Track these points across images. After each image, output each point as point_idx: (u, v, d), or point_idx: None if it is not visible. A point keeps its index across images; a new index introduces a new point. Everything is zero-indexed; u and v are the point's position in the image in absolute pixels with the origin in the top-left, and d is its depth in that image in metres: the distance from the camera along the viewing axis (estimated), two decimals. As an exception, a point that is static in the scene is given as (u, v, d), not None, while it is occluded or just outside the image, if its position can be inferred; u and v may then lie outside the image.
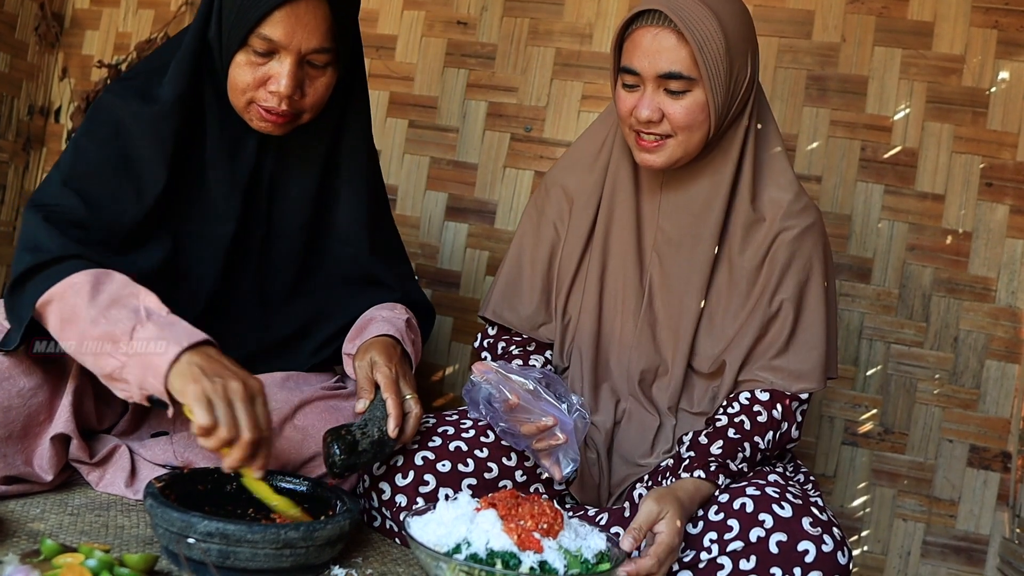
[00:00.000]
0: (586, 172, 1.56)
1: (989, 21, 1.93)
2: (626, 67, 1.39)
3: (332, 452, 1.24)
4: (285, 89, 1.32)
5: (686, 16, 1.33)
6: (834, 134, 2.00)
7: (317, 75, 1.37)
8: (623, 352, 1.51)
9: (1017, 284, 1.90)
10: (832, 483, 1.96)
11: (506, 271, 1.61)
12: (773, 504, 1.22)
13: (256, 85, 1.34)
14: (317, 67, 1.36)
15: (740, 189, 1.45)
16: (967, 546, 1.88)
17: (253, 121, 1.38)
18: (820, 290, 1.44)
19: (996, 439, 1.88)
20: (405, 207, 2.26)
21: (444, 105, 2.25)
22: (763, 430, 1.37)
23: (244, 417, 1.11)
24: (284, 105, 1.34)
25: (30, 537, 1.14)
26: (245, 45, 1.33)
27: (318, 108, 1.41)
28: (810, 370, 1.41)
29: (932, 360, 1.93)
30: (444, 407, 2.17)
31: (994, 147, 1.92)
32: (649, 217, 1.51)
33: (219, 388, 1.10)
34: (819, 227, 1.46)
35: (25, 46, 2.54)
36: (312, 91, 1.38)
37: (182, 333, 1.16)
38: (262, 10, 1.29)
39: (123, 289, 1.21)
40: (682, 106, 1.37)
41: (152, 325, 1.16)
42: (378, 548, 1.32)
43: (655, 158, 1.41)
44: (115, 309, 1.18)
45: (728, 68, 1.36)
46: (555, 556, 1.09)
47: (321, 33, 1.33)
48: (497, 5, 2.22)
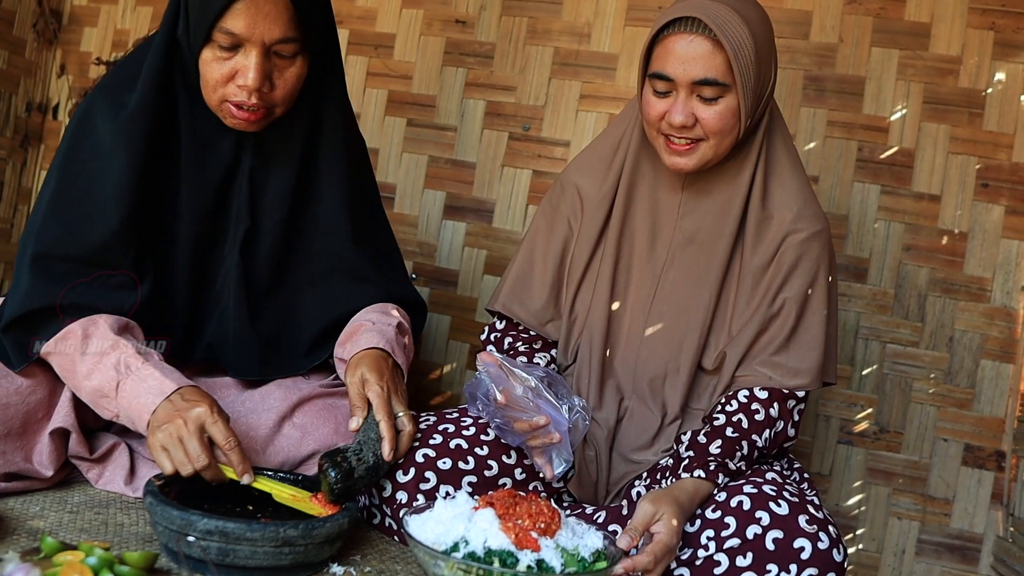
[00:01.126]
0: (600, 172, 1.56)
1: (986, 22, 1.94)
2: (658, 73, 1.38)
3: (329, 478, 1.23)
4: (252, 82, 1.31)
5: (722, 23, 1.34)
6: (831, 134, 2.01)
7: (285, 66, 1.36)
8: (631, 350, 1.51)
9: (1012, 284, 1.91)
10: (828, 481, 1.97)
11: (517, 266, 1.61)
12: (770, 502, 1.23)
13: (225, 80, 1.34)
14: (284, 57, 1.35)
15: (755, 190, 1.47)
16: (961, 544, 1.89)
17: (227, 118, 1.38)
18: (824, 294, 1.45)
19: (991, 438, 1.89)
20: (403, 206, 2.26)
21: (442, 104, 2.25)
22: (761, 428, 1.38)
23: (193, 448, 1.20)
24: (254, 98, 1.33)
25: (30, 535, 1.14)
26: (210, 40, 1.32)
27: (290, 100, 1.40)
28: (807, 369, 1.42)
29: (927, 360, 1.94)
30: (442, 405, 2.18)
31: (990, 148, 1.93)
32: (668, 216, 1.51)
33: (169, 434, 1.20)
34: (827, 233, 1.47)
35: (23, 42, 2.54)
36: (282, 83, 1.36)
37: (155, 387, 1.26)
38: (221, 3, 1.29)
39: (105, 342, 1.30)
40: (715, 111, 1.37)
41: (132, 381, 1.26)
42: (377, 546, 1.33)
43: (686, 161, 1.41)
44: (101, 364, 1.28)
45: (757, 73, 1.37)
46: (552, 555, 1.10)
47: (284, 22, 1.32)
48: (496, 4, 2.23)
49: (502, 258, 2.18)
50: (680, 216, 1.51)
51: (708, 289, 1.47)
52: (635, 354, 1.51)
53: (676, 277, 1.50)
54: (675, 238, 1.51)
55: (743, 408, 1.39)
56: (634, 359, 1.51)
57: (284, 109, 1.40)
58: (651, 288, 1.51)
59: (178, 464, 1.19)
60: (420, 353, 2.23)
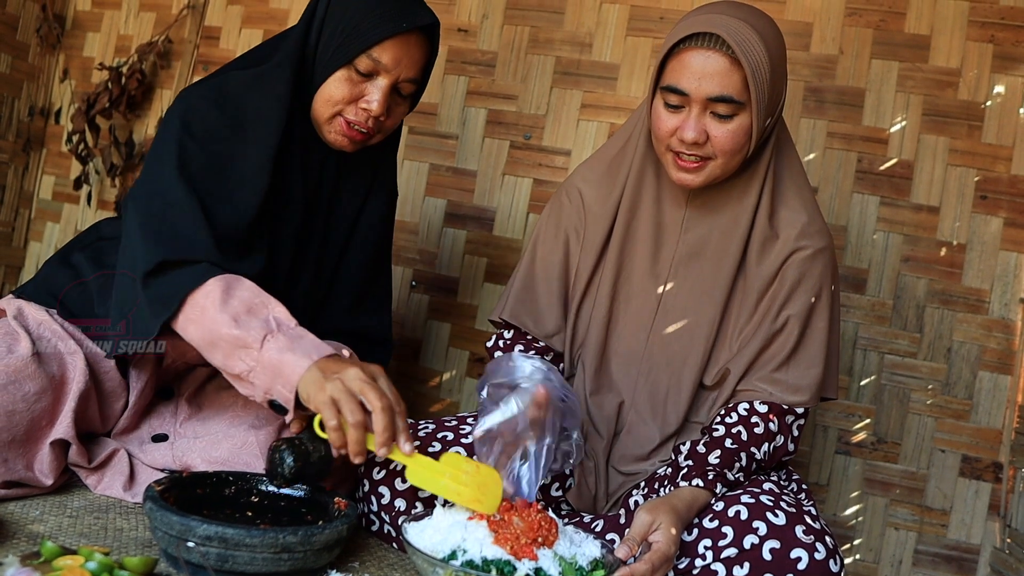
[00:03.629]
0: (605, 182, 1.55)
1: (985, 35, 1.95)
2: (672, 86, 1.35)
3: (284, 460, 1.23)
4: (377, 108, 1.42)
5: (741, 40, 1.31)
6: (831, 145, 2.02)
7: (400, 103, 1.48)
8: (631, 363, 1.50)
9: (1010, 296, 1.91)
10: (825, 492, 1.98)
11: (523, 276, 1.59)
12: (767, 512, 1.23)
13: (348, 100, 1.43)
14: (403, 96, 1.47)
15: (761, 208, 1.45)
16: (958, 555, 1.89)
17: (331, 133, 1.46)
18: (827, 312, 1.45)
19: (988, 449, 1.90)
20: (404, 213, 2.27)
21: (444, 112, 2.26)
22: (759, 441, 1.38)
23: (370, 393, 1.17)
24: (371, 123, 1.44)
25: (30, 539, 1.14)
26: (349, 63, 1.41)
27: (388, 133, 1.52)
28: (807, 386, 1.42)
29: (925, 371, 1.94)
30: (442, 412, 2.18)
31: (989, 160, 1.94)
32: (671, 230, 1.50)
33: (339, 385, 1.17)
34: (831, 250, 1.46)
35: (26, 47, 2.55)
36: (393, 117, 1.48)
37: (311, 346, 1.22)
38: (380, 35, 1.38)
39: (255, 298, 1.27)
40: (728, 130, 1.35)
41: (283, 336, 1.22)
42: (375, 553, 1.33)
43: (693, 178, 1.40)
44: (247, 316, 1.24)
45: (771, 92, 1.36)
46: (550, 563, 1.10)
47: (419, 66, 1.46)
48: (498, 13, 2.24)
49: (502, 266, 2.19)
50: (684, 231, 1.49)
51: (712, 306, 1.46)
52: (635, 369, 1.50)
53: (678, 292, 1.49)
54: (678, 252, 1.49)
55: (743, 420, 1.39)
56: (635, 373, 1.50)
57: (381, 139, 1.52)
58: (653, 302, 1.50)
59: (347, 410, 1.16)
60: (419, 360, 2.24)
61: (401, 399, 1.22)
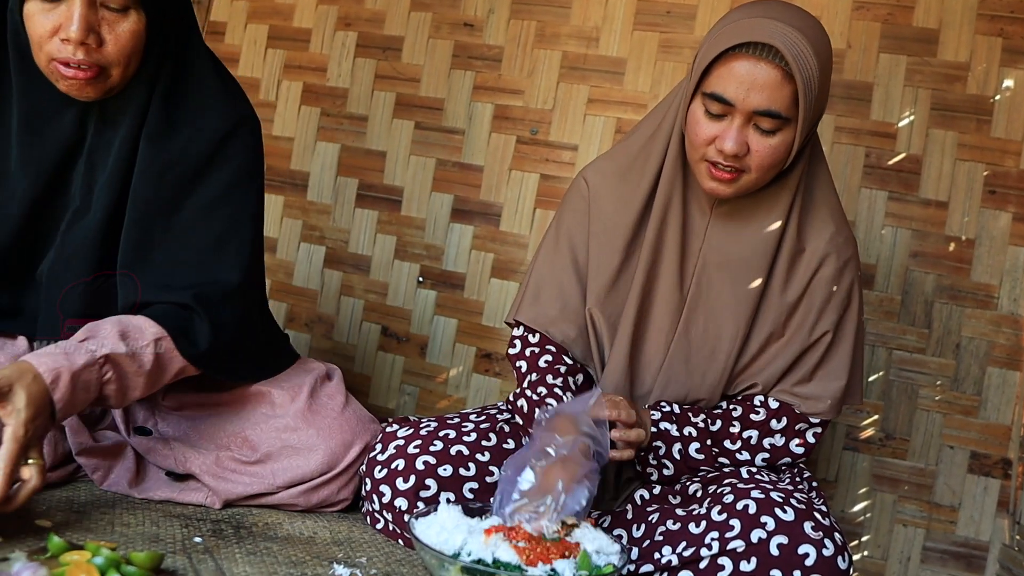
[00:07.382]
0: (628, 179, 1.47)
1: (994, 29, 1.94)
2: (717, 94, 1.27)
3: None
4: (76, 33, 1.20)
5: (797, 54, 1.23)
6: (838, 140, 2.01)
7: (116, 19, 1.24)
8: (649, 373, 1.47)
9: (1019, 292, 1.90)
10: (833, 488, 1.97)
11: (544, 277, 1.52)
12: (776, 508, 1.23)
13: (50, 35, 1.22)
14: (113, 10, 1.24)
15: (791, 223, 1.41)
16: (967, 552, 1.89)
17: (59, 82, 1.26)
18: (854, 324, 1.43)
19: (997, 446, 1.89)
20: (410, 208, 2.26)
21: (450, 107, 2.26)
22: (750, 425, 1.38)
23: None
24: (80, 53, 1.22)
25: (36, 534, 1.14)
26: None
27: (125, 61, 1.27)
28: (826, 397, 1.41)
29: (934, 366, 1.94)
30: (448, 409, 2.18)
31: (998, 155, 1.93)
32: (694, 238, 1.44)
33: None
34: (856, 258, 1.44)
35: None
36: (113, 38, 1.24)
37: None
38: None
39: None
40: (770, 145, 1.28)
41: None
42: (382, 549, 1.33)
43: (725, 188, 1.33)
44: None
45: (817, 107, 1.29)
46: (564, 563, 1.10)
47: None
48: (504, 7, 2.23)
49: (509, 261, 2.18)
50: (707, 239, 1.43)
51: (735, 321, 1.42)
52: (652, 379, 1.47)
53: (702, 304, 1.44)
54: (700, 262, 1.43)
55: (745, 401, 1.41)
56: (651, 382, 1.47)
57: (121, 72, 1.28)
58: (676, 312, 1.45)
59: None
60: (426, 356, 2.23)
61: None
